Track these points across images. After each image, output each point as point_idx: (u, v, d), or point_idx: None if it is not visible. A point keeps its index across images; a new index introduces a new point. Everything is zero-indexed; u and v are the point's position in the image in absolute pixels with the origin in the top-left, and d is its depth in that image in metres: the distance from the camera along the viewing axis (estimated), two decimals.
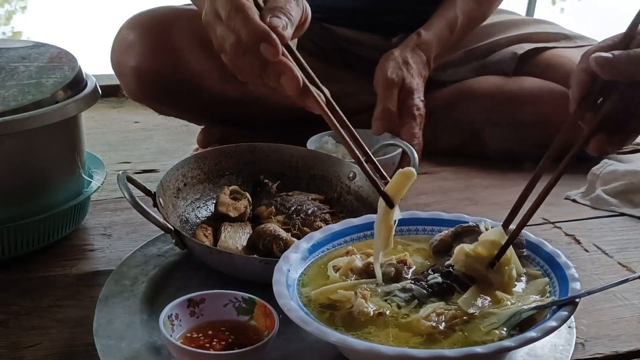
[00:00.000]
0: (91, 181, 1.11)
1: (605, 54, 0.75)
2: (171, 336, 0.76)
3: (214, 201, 1.08)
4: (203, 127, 1.45)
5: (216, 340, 0.78)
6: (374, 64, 1.37)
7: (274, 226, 0.99)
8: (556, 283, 0.79)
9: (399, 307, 0.77)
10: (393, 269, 0.82)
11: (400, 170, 0.79)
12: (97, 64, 1.63)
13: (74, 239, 1.10)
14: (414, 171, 0.78)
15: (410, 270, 0.84)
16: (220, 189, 1.09)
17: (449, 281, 0.79)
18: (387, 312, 0.76)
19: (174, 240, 0.94)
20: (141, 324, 0.85)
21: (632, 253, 1.10)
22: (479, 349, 0.68)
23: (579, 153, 0.79)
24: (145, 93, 1.37)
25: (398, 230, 0.91)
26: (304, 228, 1.02)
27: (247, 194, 1.08)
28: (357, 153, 0.80)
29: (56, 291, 0.96)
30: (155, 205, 0.99)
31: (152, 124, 1.71)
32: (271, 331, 0.77)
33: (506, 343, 0.69)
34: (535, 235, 0.86)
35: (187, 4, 1.39)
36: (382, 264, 0.83)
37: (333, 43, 1.60)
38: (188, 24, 1.34)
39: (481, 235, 0.81)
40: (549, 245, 0.85)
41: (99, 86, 1.11)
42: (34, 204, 1.02)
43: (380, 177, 0.82)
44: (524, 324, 0.73)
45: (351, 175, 1.13)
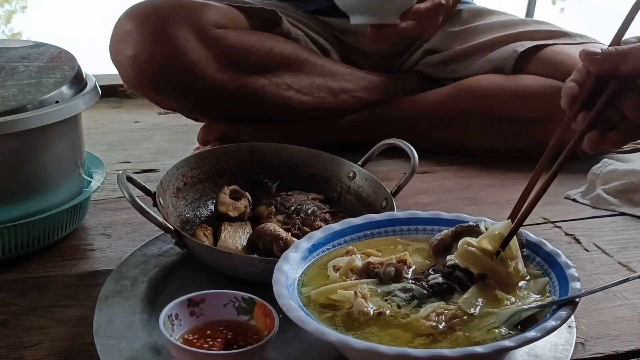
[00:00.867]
0: (91, 181, 1.11)
1: (593, 49, 0.80)
2: (171, 336, 0.76)
3: (214, 201, 1.08)
4: (203, 124, 1.45)
5: (216, 340, 0.78)
6: (372, 58, 1.35)
7: (274, 226, 0.99)
8: (556, 282, 0.79)
9: (399, 307, 0.77)
10: (393, 268, 0.82)
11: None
12: (96, 63, 1.63)
13: (73, 239, 1.10)
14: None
15: (411, 269, 0.84)
16: (220, 188, 1.09)
17: (449, 281, 0.79)
18: (387, 312, 0.76)
19: (174, 240, 0.94)
20: (141, 323, 0.85)
21: (632, 252, 1.10)
22: (478, 349, 0.68)
23: (580, 152, 0.80)
24: (143, 82, 1.37)
25: (398, 230, 0.92)
26: (304, 228, 1.02)
27: (247, 194, 1.08)
28: None
29: (56, 291, 0.96)
30: (155, 205, 0.99)
31: (152, 123, 1.71)
32: (271, 331, 0.77)
33: (506, 343, 0.69)
34: (535, 235, 0.86)
35: None
36: (382, 264, 0.83)
37: (331, 37, 1.60)
38: (185, 13, 1.35)
39: (489, 229, 0.82)
40: (549, 245, 0.84)
41: (99, 86, 1.11)
42: (34, 203, 1.02)
43: None
44: (524, 324, 0.74)
45: (351, 175, 1.13)
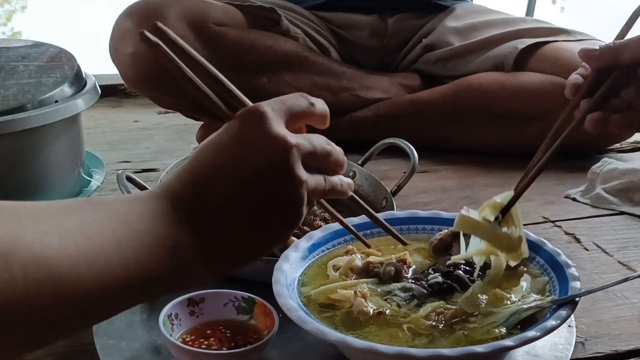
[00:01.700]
0: (91, 180, 1.11)
1: (591, 46, 0.82)
2: (171, 335, 0.76)
3: None
4: (202, 123, 1.45)
5: (216, 339, 0.78)
6: (371, 54, 1.34)
7: None
8: (556, 282, 0.79)
9: (398, 306, 0.77)
10: (393, 268, 0.82)
11: None
12: (96, 63, 1.63)
13: None
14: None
15: (410, 269, 0.84)
16: None
17: (449, 280, 0.79)
18: (387, 311, 0.76)
19: None
20: (141, 323, 0.85)
21: (632, 252, 1.10)
22: (478, 348, 0.68)
23: (581, 149, 0.81)
24: (142, 80, 1.38)
25: (398, 230, 0.91)
26: (304, 227, 1.02)
27: None
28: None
29: None
30: None
31: (152, 123, 1.71)
32: (271, 330, 0.77)
33: (506, 342, 0.69)
34: (535, 234, 0.86)
35: None
36: (382, 263, 0.83)
37: (330, 33, 1.60)
38: (184, 11, 1.35)
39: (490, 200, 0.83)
40: (549, 244, 0.84)
41: (99, 85, 1.11)
42: None
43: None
44: (523, 323, 0.74)
45: (351, 174, 1.13)
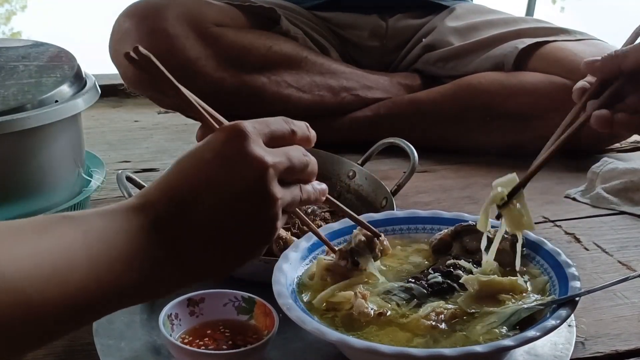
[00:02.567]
0: (91, 180, 1.11)
1: (592, 57, 0.83)
2: (171, 335, 0.76)
3: None
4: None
5: (216, 339, 0.78)
6: (371, 54, 1.35)
7: None
8: (556, 282, 0.79)
9: (398, 306, 0.77)
10: (362, 237, 0.82)
11: None
12: (96, 63, 1.63)
13: None
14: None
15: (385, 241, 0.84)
16: None
17: (449, 280, 0.79)
18: (388, 312, 0.76)
19: None
20: (141, 323, 0.85)
21: (632, 251, 1.10)
22: (478, 348, 0.68)
23: (582, 148, 0.81)
24: (142, 80, 1.38)
25: (398, 230, 0.92)
26: (304, 227, 1.02)
27: None
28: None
29: None
30: None
31: (151, 123, 1.70)
32: (271, 331, 0.77)
33: (506, 342, 0.69)
34: (535, 234, 0.86)
35: None
36: (349, 242, 0.83)
37: (330, 33, 1.60)
38: (184, 11, 1.35)
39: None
40: (549, 244, 0.84)
41: (99, 85, 1.11)
42: (34, 203, 1.02)
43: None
44: (523, 323, 0.73)
45: (351, 174, 1.13)
